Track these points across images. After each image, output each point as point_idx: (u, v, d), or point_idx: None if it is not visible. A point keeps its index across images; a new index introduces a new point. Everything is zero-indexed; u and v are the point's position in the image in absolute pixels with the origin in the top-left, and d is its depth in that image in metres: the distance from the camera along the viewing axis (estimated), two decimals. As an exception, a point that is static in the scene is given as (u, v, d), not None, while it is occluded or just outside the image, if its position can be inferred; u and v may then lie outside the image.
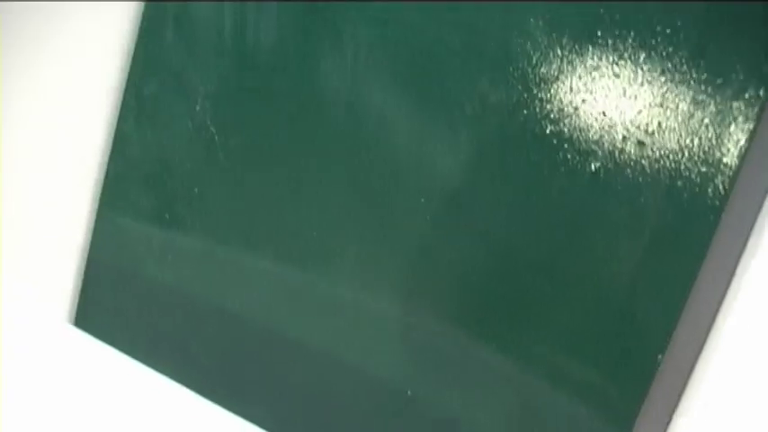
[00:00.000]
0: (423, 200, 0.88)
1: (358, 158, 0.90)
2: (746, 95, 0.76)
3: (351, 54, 0.88)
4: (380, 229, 0.90)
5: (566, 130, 0.82)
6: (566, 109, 0.82)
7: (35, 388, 1.08)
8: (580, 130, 0.82)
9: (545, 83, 0.82)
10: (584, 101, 0.81)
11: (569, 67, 0.82)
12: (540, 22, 0.82)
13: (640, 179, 0.80)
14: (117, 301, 1.02)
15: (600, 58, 0.81)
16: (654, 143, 0.80)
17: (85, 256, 1.01)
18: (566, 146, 0.82)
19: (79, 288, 1.02)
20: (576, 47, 0.81)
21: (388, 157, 0.88)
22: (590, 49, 0.81)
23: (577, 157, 0.82)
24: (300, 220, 0.92)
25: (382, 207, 0.89)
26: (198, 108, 0.94)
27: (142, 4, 0.95)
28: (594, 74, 0.81)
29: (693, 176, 0.78)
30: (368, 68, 0.88)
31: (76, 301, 1.03)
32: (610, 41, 0.80)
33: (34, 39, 1.02)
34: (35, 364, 1.07)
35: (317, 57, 0.90)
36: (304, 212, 0.92)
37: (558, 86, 0.82)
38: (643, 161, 0.80)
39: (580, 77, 0.81)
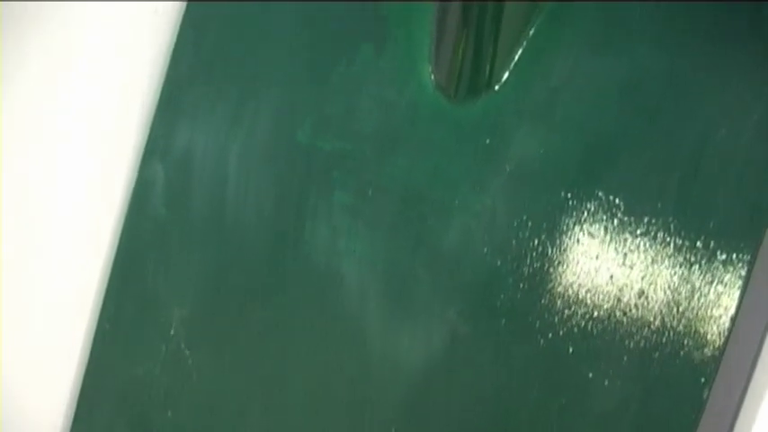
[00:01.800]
0: (394, 429, 0.88)
1: (331, 379, 0.90)
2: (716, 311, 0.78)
3: (318, 282, 0.90)
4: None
5: (534, 366, 0.83)
6: (534, 347, 0.83)
7: None
8: (549, 367, 0.83)
9: (515, 317, 0.84)
10: (551, 336, 0.83)
11: (538, 305, 0.84)
12: (510, 256, 0.85)
13: (606, 418, 0.81)
14: None
15: (568, 300, 0.83)
16: (619, 380, 0.81)
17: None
18: (534, 383, 0.83)
19: None
20: (547, 286, 0.84)
21: (361, 382, 0.89)
22: (559, 287, 0.83)
23: (545, 392, 0.83)
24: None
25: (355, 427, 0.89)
26: (172, 332, 0.95)
27: (121, 228, 0.98)
28: (564, 312, 0.83)
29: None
30: (338, 292, 0.90)
31: None
32: (574, 286, 0.83)
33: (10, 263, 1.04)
34: None
35: (287, 282, 0.92)
36: (278, 434, 0.92)
37: (528, 323, 0.84)
38: (609, 401, 0.81)
39: (549, 313, 0.83)
